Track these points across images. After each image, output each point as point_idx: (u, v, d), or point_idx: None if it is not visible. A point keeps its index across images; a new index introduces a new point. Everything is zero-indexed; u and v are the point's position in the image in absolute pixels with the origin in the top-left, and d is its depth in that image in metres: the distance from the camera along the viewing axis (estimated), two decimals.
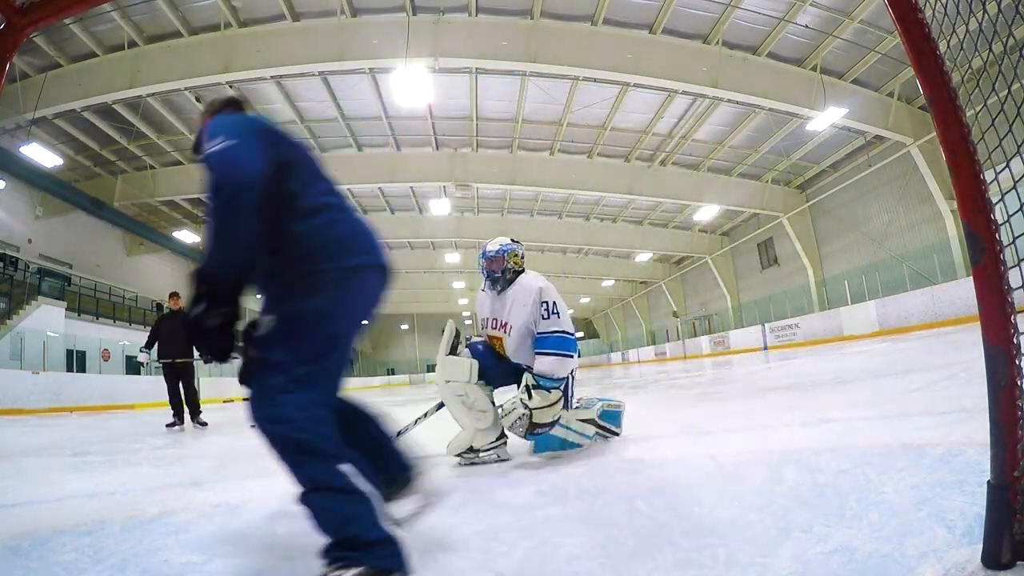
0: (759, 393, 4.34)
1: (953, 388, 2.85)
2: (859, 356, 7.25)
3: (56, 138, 15.25)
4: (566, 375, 2.33)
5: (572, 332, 2.41)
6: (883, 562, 0.94)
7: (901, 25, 0.95)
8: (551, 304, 2.41)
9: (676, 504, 1.42)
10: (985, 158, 0.91)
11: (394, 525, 1.16)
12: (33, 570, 1.29)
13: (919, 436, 1.80)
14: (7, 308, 14.62)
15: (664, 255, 28.47)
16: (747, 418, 2.95)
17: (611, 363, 36.13)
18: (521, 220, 23.52)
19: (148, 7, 10.94)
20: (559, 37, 11.60)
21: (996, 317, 0.85)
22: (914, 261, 15.29)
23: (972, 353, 4.15)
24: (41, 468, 3.26)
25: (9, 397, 11.79)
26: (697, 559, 1.05)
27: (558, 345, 2.32)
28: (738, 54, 12.35)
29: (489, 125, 15.80)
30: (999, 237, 0.86)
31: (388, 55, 11.33)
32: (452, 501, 1.70)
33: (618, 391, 7.00)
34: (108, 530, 1.59)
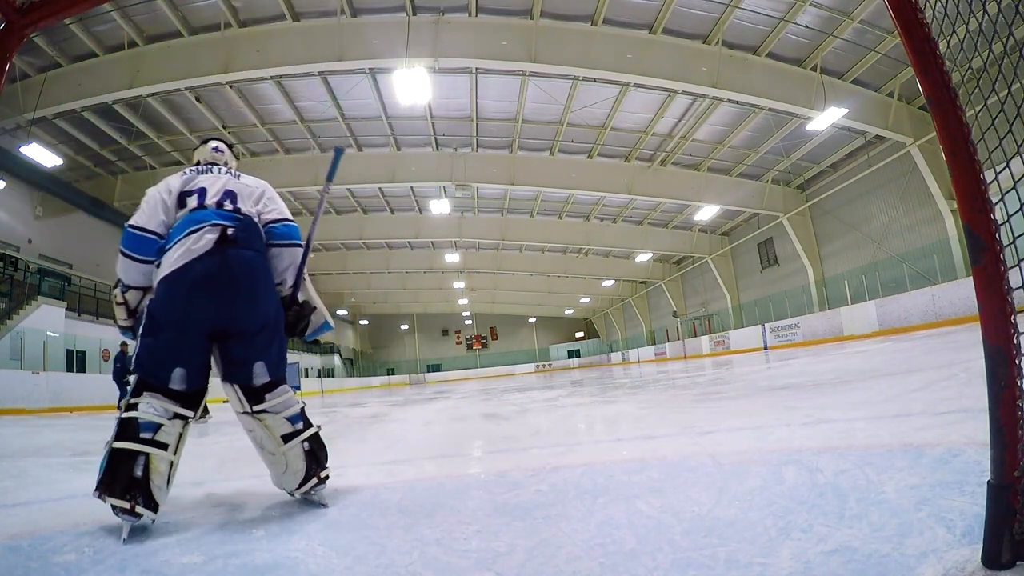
0: (759, 393, 4.34)
1: (953, 388, 2.85)
2: (859, 356, 7.25)
3: (56, 138, 15.25)
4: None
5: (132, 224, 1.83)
6: (883, 562, 0.94)
7: (901, 25, 0.95)
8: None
9: (676, 504, 1.41)
10: (985, 158, 0.91)
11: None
12: (33, 570, 1.29)
13: (919, 436, 1.80)
14: (7, 308, 14.61)
15: (664, 255, 28.47)
16: (747, 418, 2.95)
17: (611, 363, 36.12)
18: (521, 220, 23.53)
19: (148, 7, 10.95)
20: (559, 37, 11.60)
21: (996, 317, 0.85)
22: (914, 261, 15.30)
23: (972, 353, 4.15)
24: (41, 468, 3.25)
25: (9, 397, 11.79)
26: (697, 559, 1.05)
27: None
28: (738, 54, 12.35)
29: (489, 125, 15.80)
30: (999, 237, 0.86)
31: (388, 55, 11.34)
32: (451, 501, 1.70)
33: (618, 391, 7.00)
34: (108, 530, 1.59)
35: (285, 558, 1.27)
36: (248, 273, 1.70)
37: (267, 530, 1.51)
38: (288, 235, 1.88)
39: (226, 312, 1.66)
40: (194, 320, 1.63)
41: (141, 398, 1.59)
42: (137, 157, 17.07)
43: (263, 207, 1.89)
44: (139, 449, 1.52)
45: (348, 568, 1.19)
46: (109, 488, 1.48)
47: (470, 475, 2.14)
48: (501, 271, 30.56)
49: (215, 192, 1.81)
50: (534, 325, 45.65)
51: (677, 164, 18.22)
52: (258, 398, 1.72)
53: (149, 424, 1.55)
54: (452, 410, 6.63)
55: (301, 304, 1.89)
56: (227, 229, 1.68)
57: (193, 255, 1.63)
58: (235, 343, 1.70)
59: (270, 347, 1.74)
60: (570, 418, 4.32)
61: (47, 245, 18.94)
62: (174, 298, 1.62)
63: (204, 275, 1.62)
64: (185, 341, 1.63)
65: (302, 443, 1.74)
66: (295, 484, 1.74)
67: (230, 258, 1.66)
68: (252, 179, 1.98)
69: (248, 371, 1.71)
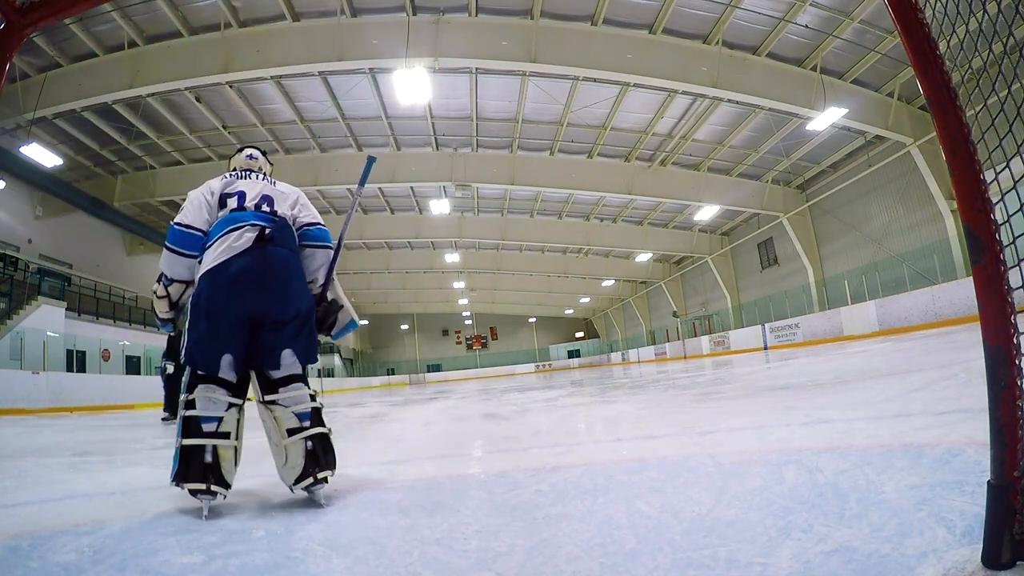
0: (759, 393, 4.34)
1: (953, 388, 2.85)
2: (859, 356, 7.25)
3: (56, 138, 15.25)
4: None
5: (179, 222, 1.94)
6: (883, 562, 0.94)
7: (901, 25, 0.95)
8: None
9: (676, 504, 1.41)
10: (985, 158, 0.91)
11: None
12: (33, 570, 1.29)
13: (919, 436, 1.80)
14: (7, 308, 14.61)
15: (664, 255, 28.47)
16: (747, 418, 2.95)
17: (611, 363, 36.12)
18: (521, 220, 23.53)
19: (148, 7, 10.95)
20: (559, 37, 11.60)
21: (996, 317, 0.85)
22: (914, 261, 15.30)
23: (972, 353, 4.15)
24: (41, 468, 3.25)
25: (9, 397, 11.79)
26: (697, 559, 1.05)
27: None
28: (738, 54, 12.35)
29: (489, 125, 15.80)
30: (999, 237, 0.86)
31: (388, 55, 11.34)
32: (451, 501, 1.70)
33: (618, 391, 7.00)
34: (108, 530, 1.59)
35: (285, 558, 1.27)
36: (282, 269, 1.84)
37: (267, 530, 1.51)
38: (320, 237, 2.05)
39: (262, 303, 1.80)
40: (235, 310, 1.78)
41: (196, 393, 1.76)
42: (137, 157, 17.07)
43: (298, 211, 2.06)
44: (204, 443, 1.72)
45: (348, 568, 1.19)
46: (185, 476, 1.70)
47: (470, 475, 2.14)
48: (501, 271, 30.56)
49: (253, 196, 1.97)
50: (534, 325, 45.65)
51: (677, 164, 18.22)
52: (272, 389, 1.84)
53: (209, 418, 1.74)
54: (452, 410, 6.63)
55: (329, 302, 2.03)
56: (265, 229, 1.84)
57: (234, 251, 1.79)
58: (267, 331, 1.83)
59: (299, 336, 1.87)
60: (570, 418, 4.32)
61: (47, 245, 18.94)
62: (217, 290, 1.77)
63: (243, 269, 1.78)
64: (229, 330, 1.78)
65: (305, 440, 1.80)
66: (292, 479, 1.80)
67: (267, 254, 1.81)
68: (286, 186, 2.14)
69: (276, 357, 1.83)
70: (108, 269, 22.13)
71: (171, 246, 1.90)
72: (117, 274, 22.73)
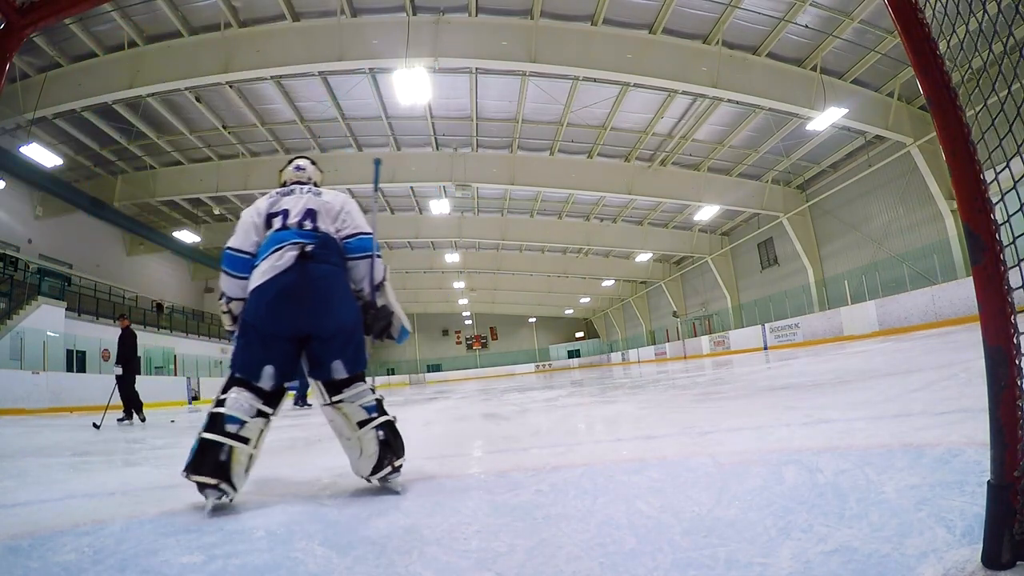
0: (759, 393, 4.34)
1: (953, 388, 2.85)
2: (859, 356, 7.25)
3: (56, 138, 15.26)
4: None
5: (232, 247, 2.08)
6: (883, 562, 0.94)
7: (901, 25, 0.95)
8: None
9: (676, 504, 1.41)
10: (985, 158, 0.91)
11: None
12: (33, 570, 1.29)
13: (919, 436, 1.80)
14: (7, 308, 14.62)
15: (664, 255, 28.48)
16: (747, 418, 2.95)
17: (611, 363, 36.13)
18: (521, 220, 23.53)
19: (148, 7, 10.95)
20: (559, 37, 11.60)
21: (996, 317, 0.85)
22: (914, 261, 15.30)
23: (972, 353, 4.15)
24: (41, 468, 3.25)
25: (9, 397, 11.80)
26: (697, 559, 1.05)
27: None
28: (738, 54, 12.35)
29: (489, 125, 15.80)
30: (999, 237, 0.86)
31: (388, 55, 11.34)
32: (451, 501, 1.70)
33: (618, 391, 7.00)
34: (108, 530, 1.59)
35: (285, 558, 1.27)
36: (324, 286, 1.92)
37: (267, 530, 1.51)
38: (361, 248, 2.10)
39: (304, 319, 1.89)
40: (279, 326, 1.87)
41: (229, 393, 1.83)
42: (137, 157, 17.08)
43: (340, 224, 2.10)
44: (223, 441, 1.75)
45: (348, 568, 1.19)
46: (197, 469, 1.73)
47: (470, 475, 2.14)
48: (501, 271, 30.55)
49: (296, 212, 2.04)
50: (534, 325, 45.64)
51: (677, 164, 18.22)
52: (336, 390, 1.93)
53: (234, 419, 1.79)
54: (452, 410, 6.63)
55: (379, 308, 2.09)
56: (306, 247, 1.91)
57: (277, 270, 1.88)
58: (316, 345, 1.93)
59: (347, 348, 1.96)
60: (570, 418, 4.32)
61: (47, 245, 18.95)
62: (261, 307, 1.87)
63: (286, 287, 1.86)
64: (273, 343, 1.88)
65: (376, 430, 1.91)
66: (369, 469, 1.89)
67: (308, 272, 1.89)
68: (332, 195, 2.17)
69: (327, 369, 1.93)
70: (108, 269, 22.14)
71: (226, 270, 2.05)
72: (117, 274, 22.75)
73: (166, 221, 22.31)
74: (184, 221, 22.48)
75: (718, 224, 24.37)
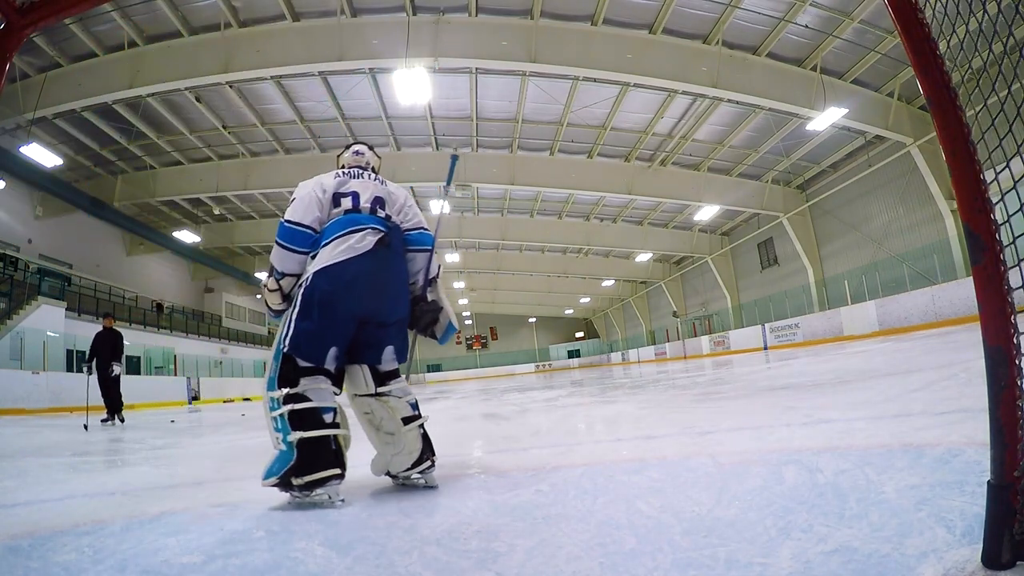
0: (759, 393, 4.34)
1: (953, 388, 2.85)
2: (859, 356, 7.25)
3: (56, 138, 15.26)
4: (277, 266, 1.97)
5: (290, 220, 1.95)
6: (883, 562, 0.94)
7: (901, 25, 0.95)
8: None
9: (676, 504, 1.41)
10: (985, 158, 0.91)
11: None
12: (33, 570, 1.29)
13: (919, 436, 1.80)
14: (7, 308, 14.62)
15: (664, 255, 28.47)
16: (747, 418, 2.95)
17: (611, 363, 36.12)
18: (521, 220, 23.52)
19: (148, 7, 10.95)
20: (559, 37, 11.60)
21: (996, 317, 0.85)
22: (914, 261, 15.30)
23: (972, 353, 4.15)
24: (41, 468, 3.26)
25: (9, 397, 11.80)
26: (697, 559, 1.05)
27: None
28: (738, 54, 12.35)
29: (489, 125, 15.80)
30: (999, 237, 0.86)
31: (388, 55, 11.34)
32: (451, 501, 1.70)
33: (618, 391, 7.00)
34: (108, 530, 1.59)
35: (285, 558, 1.27)
36: (397, 273, 1.97)
37: (267, 530, 1.51)
38: (422, 242, 2.12)
39: (375, 304, 1.89)
40: (350, 308, 1.84)
41: (302, 385, 1.77)
42: (137, 157, 17.07)
43: (403, 216, 2.13)
44: (328, 434, 1.75)
45: (348, 568, 1.19)
46: (309, 468, 1.70)
47: (470, 475, 2.13)
48: (501, 271, 30.55)
49: (368, 197, 2.01)
50: (534, 325, 45.63)
51: (677, 164, 18.22)
52: (382, 381, 1.94)
53: (327, 409, 1.80)
54: (452, 410, 6.63)
55: (430, 302, 2.10)
56: (385, 235, 1.92)
57: (356, 252, 1.84)
58: (373, 329, 1.92)
59: (400, 335, 2.01)
60: (570, 418, 4.32)
61: (47, 245, 18.95)
62: (334, 288, 1.81)
63: (363, 271, 1.84)
64: (340, 326, 1.84)
65: (420, 427, 1.92)
66: (408, 464, 1.88)
67: (386, 259, 1.90)
68: (395, 186, 2.20)
69: (379, 353, 1.94)
70: (108, 269, 22.14)
71: (282, 242, 1.93)
72: (117, 274, 22.74)
73: (166, 221, 22.31)
74: (184, 221, 22.47)
75: (718, 224, 24.37)
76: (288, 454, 1.71)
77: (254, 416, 8.65)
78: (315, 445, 1.72)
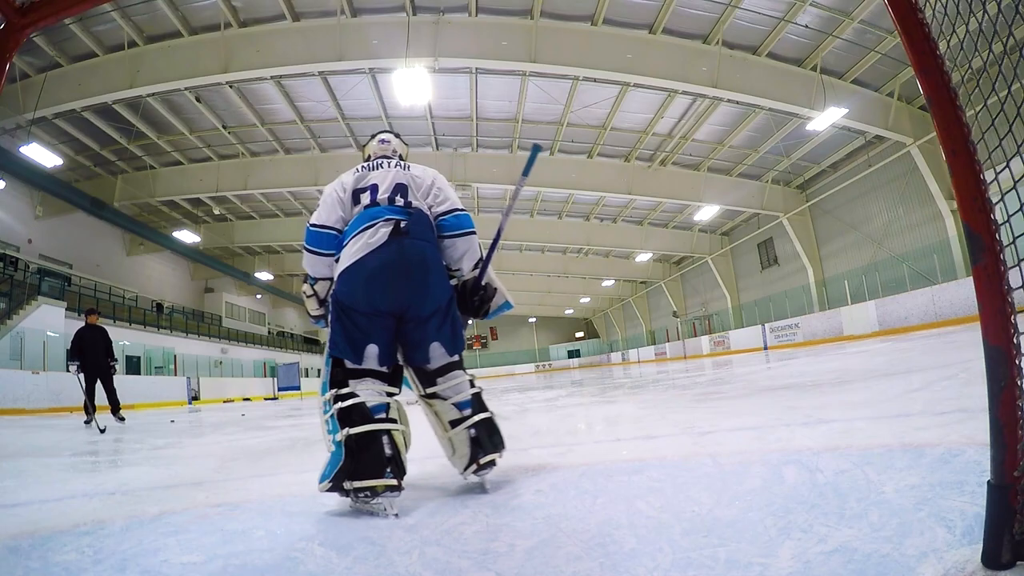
0: (759, 393, 4.33)
1: (953, 388, 2.85)
2: (859, 356, 7.24)
3: (56, 138, 15.27)
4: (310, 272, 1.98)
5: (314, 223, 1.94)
6: (883, 562, 0.94)
7: (901, 25, 0.95)
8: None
9: (676, 504, 1.41)
10: (985, 158, 0.91)
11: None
12: (33, 570, 1.29)
13: (919, 436, 1.80)
14: (7, 308, 14.62)
15: (664, 255, 28.47)
16: (747, 418, 2.95)
17: (611, 363, 36.12)
18: (521, 220, 23.52)
19: (148, 7, 10.95)
20: (559, 37, 11.60)
21: (996, 317, 0.85)
22: (914, 261, 15.30)
23: (972, 353, 4.14)
24: (41, 468, 3.26)
25: (9, 397, 11.80)
26: (697, 559, 1.05)
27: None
28: (738, 54, 12.35)
29: (489, 125, 15.80)
30: (999, 237, 0.86)
31: (388, 55, 11.34)
32: (451, 501, 1.70)
33: (618, 391, 7.00)
34: (108, 530, 1.59)
35: (285, 558, 1.27)
36: (420, 262, 1.81)
37: (267, 530, 1.51)
38: (459, 225, 1.97)
39: (402, 297, 1.79)
40: (375, 304, 1.77)
41: (351, 386, 1.72)
42: (137, 157, 17.07)
43: (433, 199, 1.98)
44: (381, 428, 1.65)
45: (348, 568, 1.19)
46: (356, 473, 1.58)
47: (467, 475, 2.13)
48: (501, 271, 30.49)
49: (386, 187, 1.91)
50: (534, 325, 45.63)
51: (677, 164, 18.22)
52: (430, 381, 1.84)
53: (378, 406, 1.72)
54: None
55: (484, 286, 1.98)
56: (400, 223, 1.80)
57: (370, 248, 1.77)
58: (411, 327, 1.82)
59: (443, 328, 1.86)
60: (570, 418, 4.32)
61: (47, 245, 18.96)
62: (355, 286, 1.77)
63: (381, 265, 1.75)
64: (370, 323, 1.77)
65: (467, 429, 1.81)
66: (461, 467, 1.82)
67: (404, 248, 1.78)
68: (420, 169, 2.06)
69: (425, 351, 1.84)
70: (108, 269, 22.15)
71: (309, 247, 1.90)
72: (117, 274, 22.75)
73: (166, 221, 22.31)
74: (184, 221, 22.47)
75: (718, 224, 24.37)
76: (337, 454, 1.64)
77: (254, 416, 8.65)
78: (363, 444, 1.62)
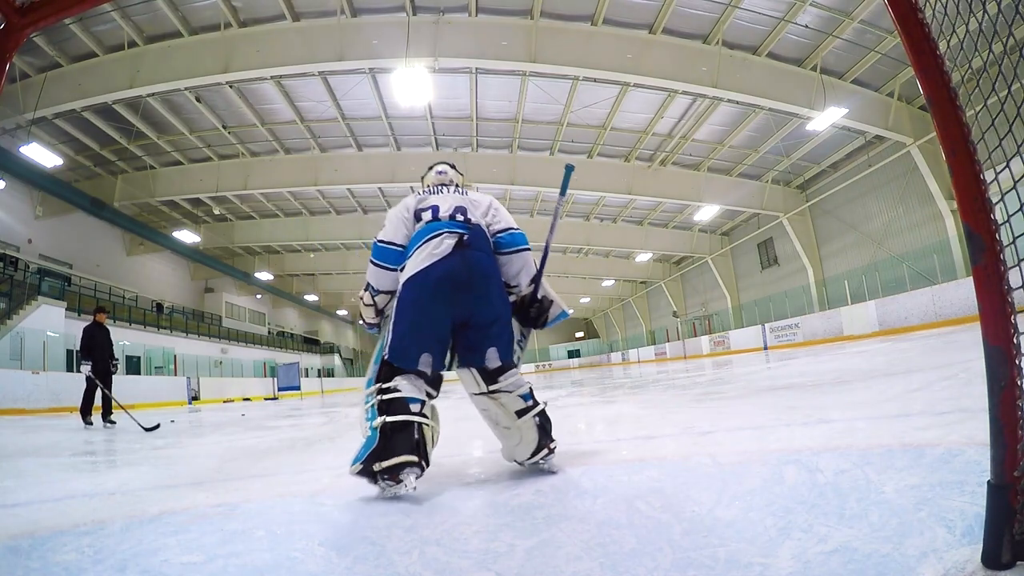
0: (759, 393, 4.33)
1: (953, 388, 2.85)
2: (859, 356, 7.24)
3: (56, 138, 15.26)
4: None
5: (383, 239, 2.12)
6: (883, 562, 0.94)
7: (901, 25, 0.95)
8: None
9: (676, 504, 1.41)
10: (985, 158, 0.91)
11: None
12: (33, 570, 1.29)
13: (919, 436, 1.80)
14: (7, 308, 14.62)
15: (664, 255, 28.47)
16: (747, 418, 2.95)
17: (611, 363, 36.12)
18: (521, 220, 23.37)
19: (148, 7, 10.96)
20: (559, 37, 11.60)
21: (996, 317, 0.85)
22: (914, 261, 15.30)
23: (972, 353, 4.15)
24: (41, 468, 3.26)
25: (9, 397, 11.80)
26: (697, 559, 1.05)
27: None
28: (738, 54, 12.35)
29: (489, 125, 15.80)
30: (999, 237, 0.86)
31: (388, 55, 11.35)
32: (451, 501, 1.70)
33: (618, 391, 7.00)
34: (108, 530, 1.59)
35: (285, 558, 1.27)
36: (482, 273, 1.93)
37: (267, 530, 1.51)
38: (514, 243, 2.11)
39: (465, 306, 1.89)
40: (438, 312, 1.88)
41: (395, 381, 1.84)
42: (137, 157, 17.07)
43: (491, 219, 2.12)
44: (412, 420, 1.77)
45: (348, 568, 1.18)
46: (388, 452, 1.71)
47: (470, 475, 2.13)
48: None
49: (447, 208, 2.05)
50: None
51: (677, 164, 18.23)
52: (493, 379, 1.94)
53: (415, 399, 1.83)
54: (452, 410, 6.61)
55: (540, 299, 2.09)
56: (463, 236, 1.93)
57: (435, 258, 1.88)
58: (472, 332, 1.93)
59: (501, 336, 1.97)
60: (570, 418, 4.32)
61: (47, 245, 18.96)
62: (420, 295, 1.87)
63: (445, 274, 1.86)
64: (431, 331, 1.89)
65: (534, 417, 1.93)
66: (527, 454, 1.93)
67: (467, 259, 1.90)
68: (478, 194, 2.20)
69: (482, 355, 1.94)
70: (108, 269, 22.15)
71: (376, 261, 2.05)
72: (117, 274, 22.75)
73: (166, 221, 22.31)
74: (184, 221, 22.48)
75: (718, 224, 24.37)
76: (372, 439, 1.76)
77: (254, 416, 8.65)
78: (398, 430, 1.74)
